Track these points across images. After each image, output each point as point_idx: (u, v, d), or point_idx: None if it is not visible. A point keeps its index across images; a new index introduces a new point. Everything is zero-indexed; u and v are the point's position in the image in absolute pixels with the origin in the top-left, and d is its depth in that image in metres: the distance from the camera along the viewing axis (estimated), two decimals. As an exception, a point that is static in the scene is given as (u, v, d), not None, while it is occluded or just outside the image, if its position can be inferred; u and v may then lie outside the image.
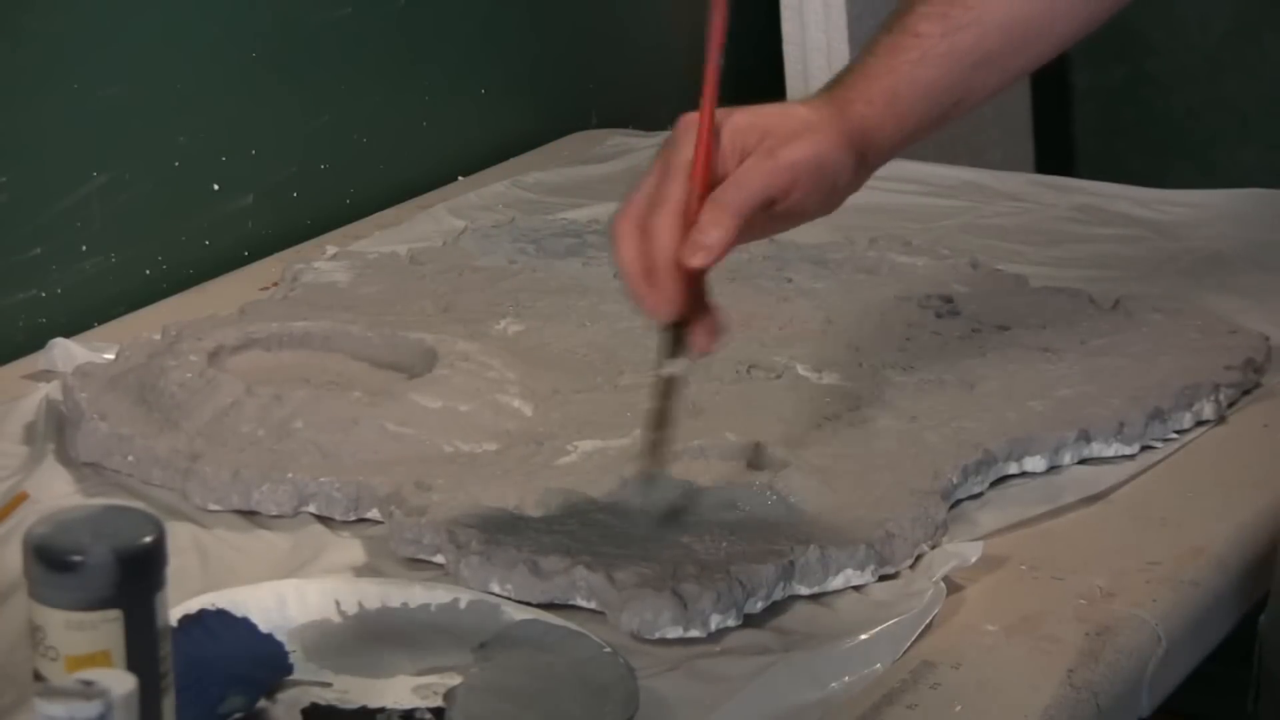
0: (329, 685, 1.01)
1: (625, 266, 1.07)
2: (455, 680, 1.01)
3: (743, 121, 1.09)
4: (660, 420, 1.10)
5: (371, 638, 1.05)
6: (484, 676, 1.02)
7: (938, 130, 1.18)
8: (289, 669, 1.03)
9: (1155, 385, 1.31)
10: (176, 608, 1.02)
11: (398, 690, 1.01)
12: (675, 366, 1.09)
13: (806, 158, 1.09)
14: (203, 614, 1.03)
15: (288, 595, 1.06)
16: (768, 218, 1.10)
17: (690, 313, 1.08)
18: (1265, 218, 1.70)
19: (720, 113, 1.09)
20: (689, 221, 1.06)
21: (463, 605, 1.06)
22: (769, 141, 1.08)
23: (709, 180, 1.07)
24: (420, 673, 1.02)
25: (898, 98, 1.13)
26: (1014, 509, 1.21)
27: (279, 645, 1.04)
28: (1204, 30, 2.42)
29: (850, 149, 1.11)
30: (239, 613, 1.04)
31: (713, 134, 1.08)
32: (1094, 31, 1.21)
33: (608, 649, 1.02)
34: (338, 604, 1.06)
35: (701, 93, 1.09)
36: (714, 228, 1.05)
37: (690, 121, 1.09)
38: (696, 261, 1.05)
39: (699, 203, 1.07)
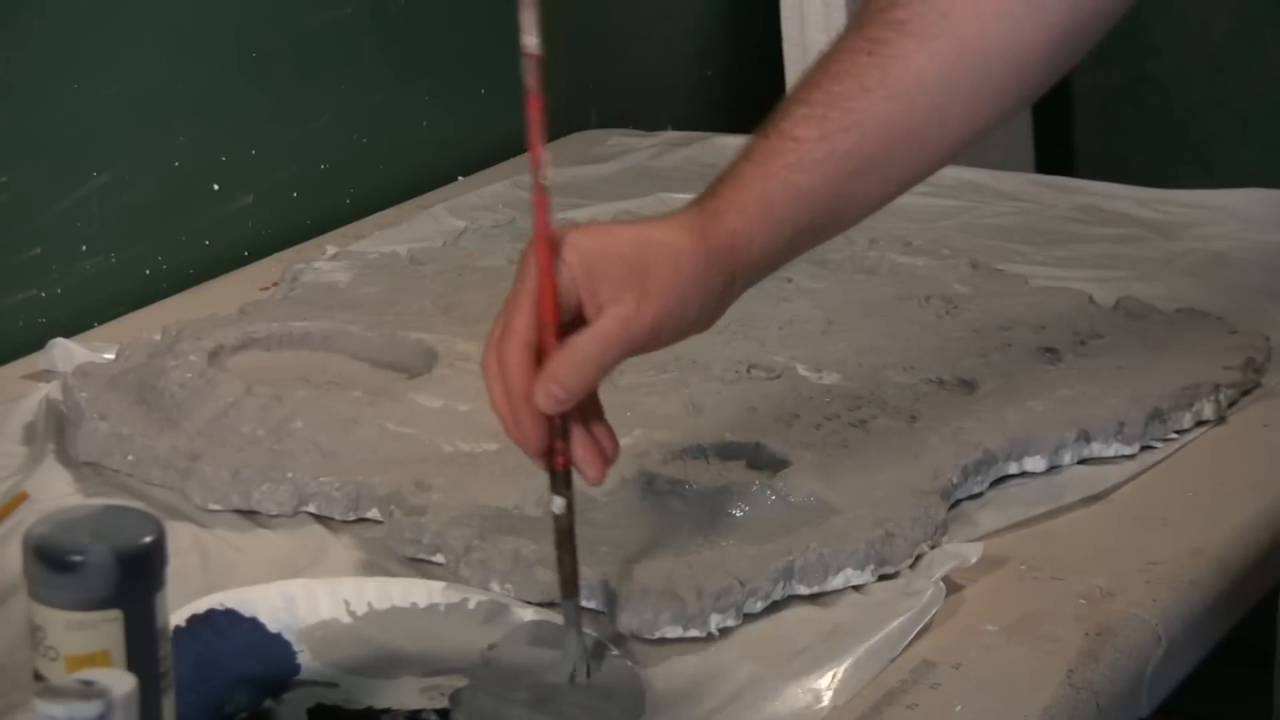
0: (335, 686, 1.01)
1: (495, 407, 1.01)
2: (462, 682, 1.01)
3: (594, 247, 1.01)
4: (564, 557, 1.01)
5: (380, 638, 1.05)
6: (490, 677, 1.01)
7: (814, 243, 1.12)
8: (296, 669, 1.03)
9: (1155, 385, 1.31)
10: (185, 607, 1.02)
11: (404, 691, 1.01)
12: (559, 503, 1.01)
13: (670, 307, 1.02)
14: (211, 613, 1.03)
15: (296, 595, 1.06)
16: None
17: (564, 444, 1.01)
18: (1265, 218, 1.70)
19: (568, 233, 1.02)
20: (543, 351, 1.00)
21: (471, 606, 1.06)
22: (629, 284, 1.01)
23: (556, 309, 1.00)
24: (427, 674, 1.02)
25: (772, 206, 1.07)
26: (1014, 509, 1.21)
27: (287, 645, 1.04)
28: (1205, 30, 2.42)
29: (718, 273, 1.04)
30: (247, 612, 1.04)
31: (551, 259, 1.00)
32: (982, 139, 1.15)
33: (615, 652, 1.02)
34: (347, 604, 1.06)
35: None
36: (569, 378, 0.99)
37: (541, 245, 1.02)
38: (549, 409, 0.99)
39: (551, 333, 1.00)
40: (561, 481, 1.01)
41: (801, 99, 1.10)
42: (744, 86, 2.17)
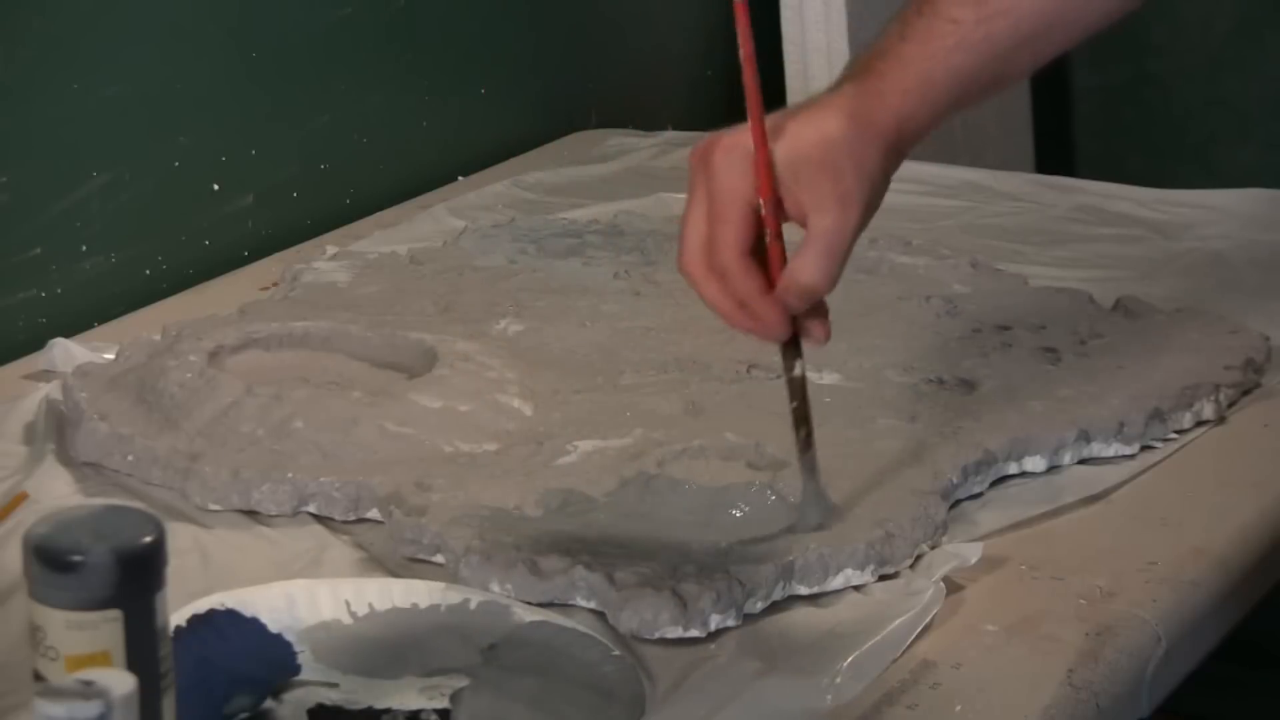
0: (336, 686, 1.01)
1: (718, 309, 1.09)
2: (462, 682, 1.01)
3: (789, 152, 1.08)
4: (802, 416, 1.12)
5: (380, 639, 1.05)
6: (490, 678, 1.02)
7: (964, 110, 1.17)
8: (296, 669, 1.03)
9: (1155, 385, 1.31)
10: (186, 607, 1.02)
11: (405, 691, 1.01)
12: (799, 368, 1.11)
13: (869, 201, 1.09)
14: (212, 614, 1.03)
15: (297, 596, 1.06)
16: None
17: (799, 320, 1.10)
18: (1265, 218, 1.70)
19: (744, 136, 1.08)
20: (773, 251, 1.07)
21: (472, 606, 1.06)
22: (827, 191, 1.07)
23: (778, 216, 1.08)
24: (428, 674, 1.02)
25: (933, 85, 1.12)
26: (1014, 509, 1.21)
27: (288, 645, 1.04)
28: (1205, 30, 2.42)
29: (893, 156, 1.10)
30: (248, 613, 1.04)
31: (770, 165, 1.07)
32: (1130, 12, 1.20)
33: (616, 651, 1.02)
34: (348, 605, 1.06)
35: (746, 109, 1.08)
36: (821, 279, 1.07)
37: (728, 146, 1.09)
38: (799, 308, 1.09)
39: (777, 236, 1.08)
40: (794, 348, 1.11)
41: None
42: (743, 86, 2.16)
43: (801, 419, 1.12)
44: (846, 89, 1.11)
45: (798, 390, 1.11)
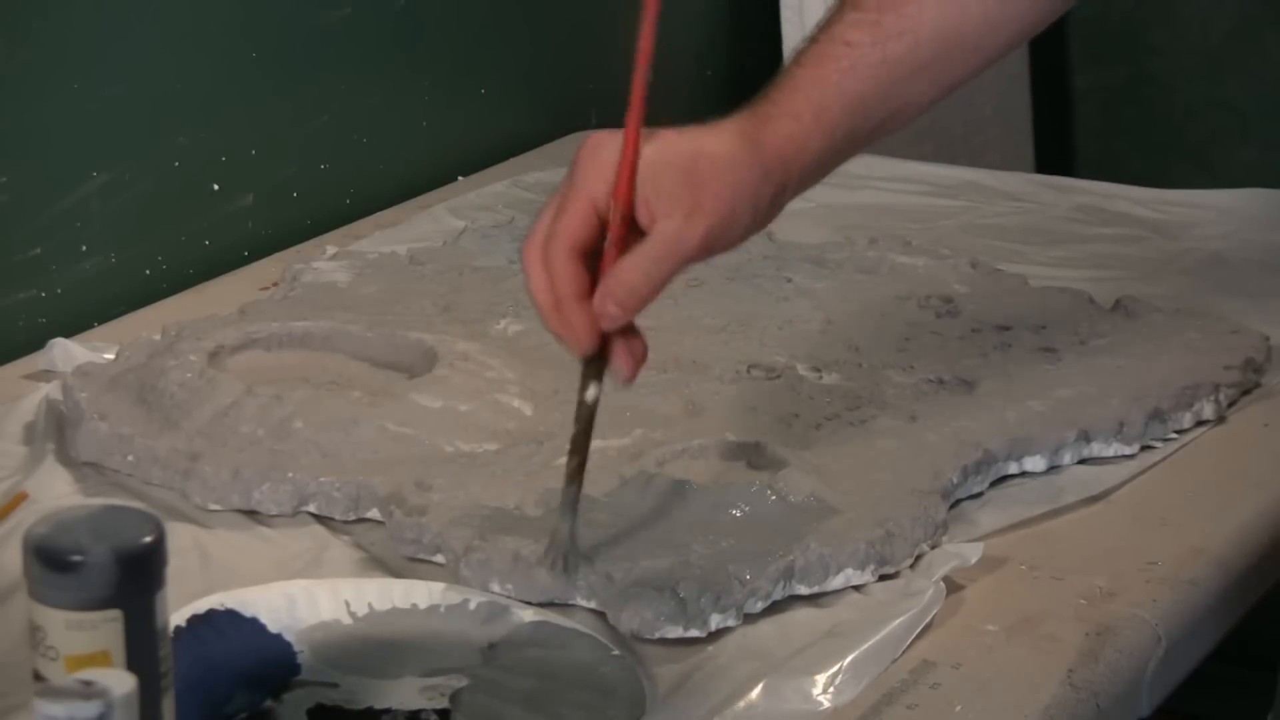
0: (336, 686, 1.01)
1: (535, 298, 1.04)
2: (462, 682, 1.01)
3: (651, 155, 1.03)
4: (579, 445, 1.05)
5: (380, 639, 1.05)
6: (490, 678, 1.01)
7: (864, 147, 1.13)
8: (296, 669, 1.03)
9: (1155, 385, 1.31)
10: (185, 607, 1.02)
11: (404, 691, 1.01)
12: (593, 392, 1.05)
13: (721, 220, 1.03)
14: (211, 614, 1.03)
15: (297, 596, 1.06)
16: None
17: (607, 342, 1.04)
18: (1265, 218, 1.70)
19: (626, 136, 1.04)
20: (609, 257, 1.03)
21: (472, 606, 1.06)
22: (682, 197, 1.03)
23: (626, 218, 1.03)
24: (428, 674, 1.02)
25: (826, 111, 1.08)
26: (1014, 509, 1.21)
27: (287, 645, 1.04)
28: (1205, 30, 2.42)
29: (772, 182, 1.06)
30: (248, 613, 1.05)
31: (636, 157, 1.02)
32: (1031, 38, 1.17)
33: (616, 651, 1.02)
34: (347, 605, 1.06)
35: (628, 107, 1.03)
36: (628, 299, 1.02)
37: (598, 143, 1.05)
38: (608, 326, 1.03)
39: (617, 243, 1.03)
40: (596, 370, 1.05)
41: (854, 3, 1.12)
42: (744, 86, 2.16)
43: (577, 448, 1.05)
44: (739, 115, 1.08)
45: (583, 416, 1.04)
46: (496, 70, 1.94)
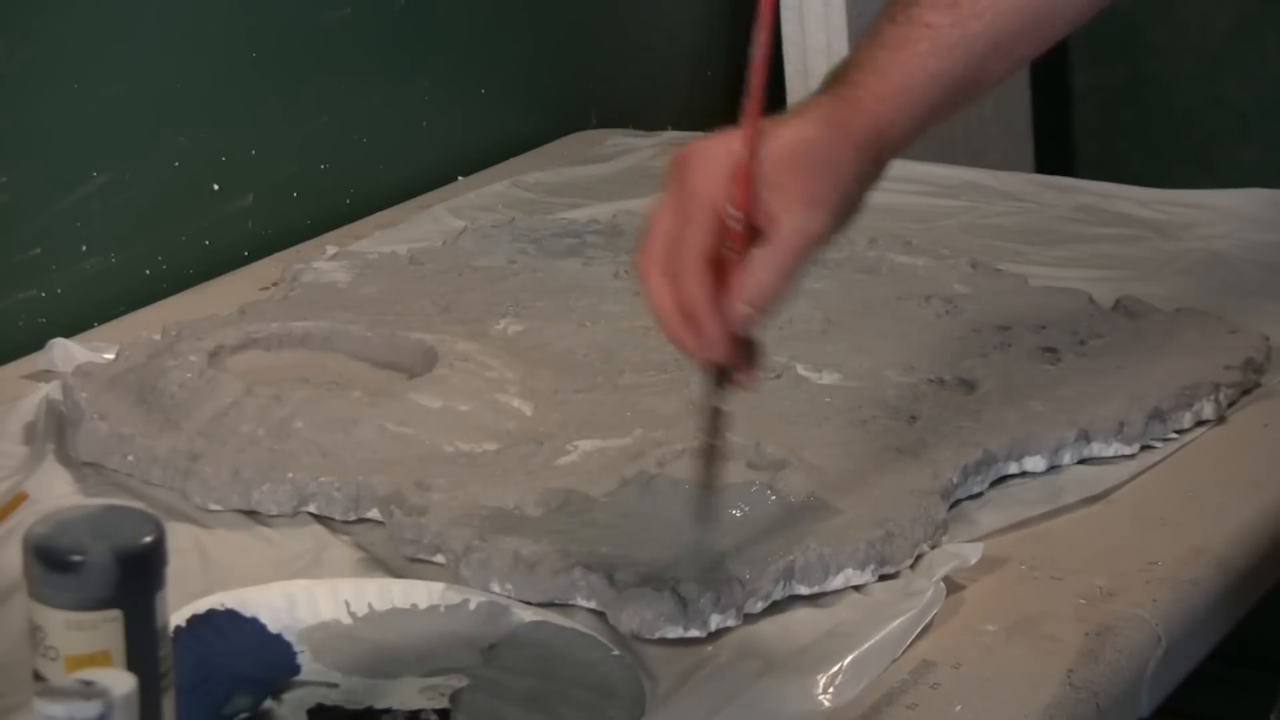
0: (336, 686, 1.01)
1: (660, 311, 1.05)
2: (462, 682, 1.01)
3: (763, 155, 1.05)
4: (711, 453, 1.07)
5: (380, 639, 1.05)
6: (490, 678, 1.01)
7: (948, 117, 1.16)
8: (296, 669, 1.03)
9: (1155, 385, 1.31)
10: (185, 607, 1.02)
11: (404, 691, 1.01)
12: (721, 401, 1.06)
13: (839, 207, 1.06)
14: (211, 614, 1.03)
15: (297, 596, 1.06)
16: None
17: (735, 351, 1.05)
18: (1265, 218, 1.70)
19: (727, 138, 1.05)
20: (724, 267, 1.03)
21: (472, 607, 1.06)
22: (797, 191, 1.04)
23: (748, 233, 1.04)
24: (428, 674, 1.02)
25: (910, 91, 1.11)
26: (1014, 509, 1.21)
27: (287, 645, 1.04)
28: (1205, 30, 2.42)
29: (870, 161, 1.08)
30: (248, 613, 1.05)
31: (751, 176, 1.03)
32: (1104, 9, 1.20)
33: (616, 651, 1.02)
34: (347, 605, 1.06)
35: (743, 110, 1.04)
36: (763, 298, 1.03)
37: (703, 149, 1.06)
38: (743, 329, 1.04)
39: (743, 245, 1.04)
40: (725, 377, 1.06)
41: None
42: (744, 86, 2.16)
43: (713, 457, 1.07)
44: (823, 99, 1.09)
45: (719, 426, 1.06)
46: (496, 70, 1.94)
